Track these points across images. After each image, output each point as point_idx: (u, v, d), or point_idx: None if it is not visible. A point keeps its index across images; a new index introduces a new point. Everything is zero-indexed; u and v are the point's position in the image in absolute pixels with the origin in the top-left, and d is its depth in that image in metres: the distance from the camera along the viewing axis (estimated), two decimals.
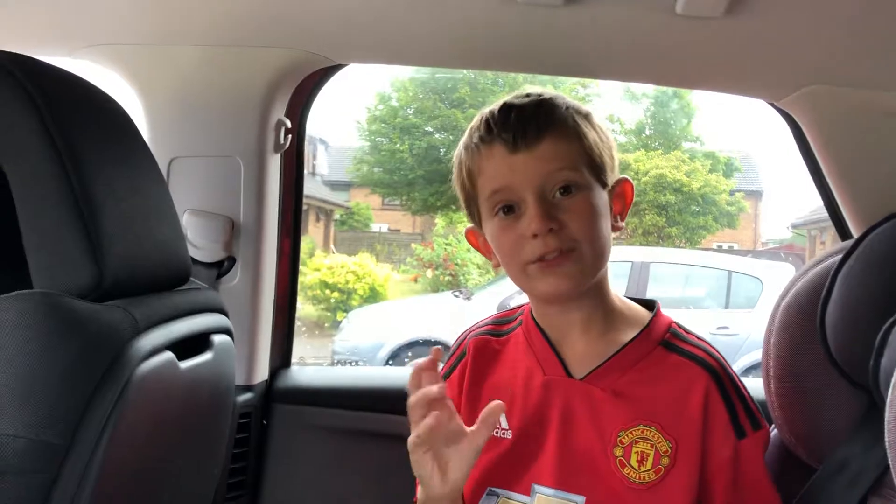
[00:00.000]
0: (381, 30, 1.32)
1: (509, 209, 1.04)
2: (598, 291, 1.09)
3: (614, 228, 1.08)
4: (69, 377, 0.79)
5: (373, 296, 10.50)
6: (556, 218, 1.01)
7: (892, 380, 0.77)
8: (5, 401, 0.76)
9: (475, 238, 1.15)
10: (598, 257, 1.04)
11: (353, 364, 6.79)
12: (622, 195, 1.11)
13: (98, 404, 0.80)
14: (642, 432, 1.03)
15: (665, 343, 1.08)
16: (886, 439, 0.77)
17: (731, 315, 6.72)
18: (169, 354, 0.93)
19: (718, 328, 6.43)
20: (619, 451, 1.03)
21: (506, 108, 1.05)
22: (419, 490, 1.04)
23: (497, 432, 1.09)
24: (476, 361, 1.15)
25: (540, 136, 1.02)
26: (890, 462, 0.78)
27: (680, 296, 7.16)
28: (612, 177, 1.09)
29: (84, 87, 0.97)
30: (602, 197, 1.06)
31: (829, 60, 1.21)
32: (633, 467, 1.03)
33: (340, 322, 8.48)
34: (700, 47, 1.22)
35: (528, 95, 1.07)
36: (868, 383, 1.02)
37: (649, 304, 1.14)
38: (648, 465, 1.02)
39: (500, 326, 1.19)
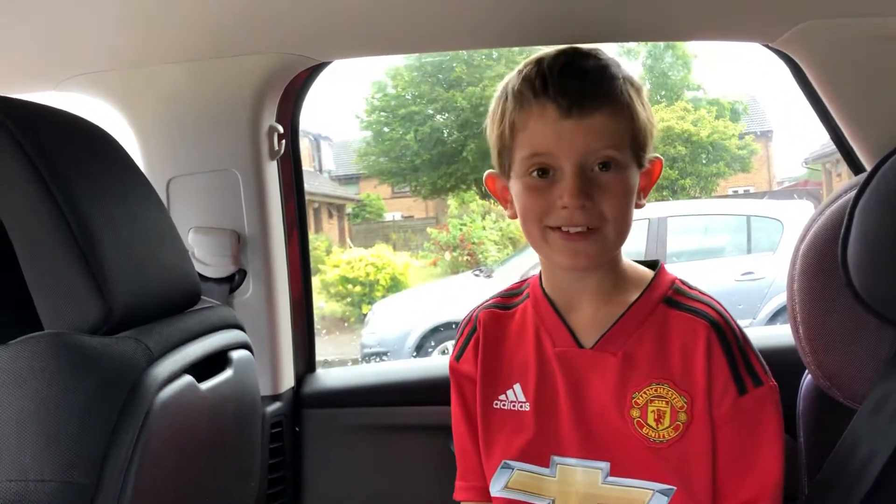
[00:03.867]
0: (362, 23, 1.30)
1: (544, 172, 1.02)
2: (612, 261, 1.09)
3: (638, 206, 1.07)
4: (88, 415, 0.78)
5: (395, 285, 10.52)
6: (591, 194, 0.99)
7: None
8: (29, 446, 0.76)
9: (494, 183, 1.13)
10: (619, 237, 1.04)
11: (382, 357, 6.83)
12: (650, 173, 1.09)
13: (121, 438, 0.80)
14: (656, 390, 1.03)
15: (668, 300, 1.08)
16: None
17: (754, 260, 6.66)
18: (188, 378, 0.93)
19: (743, 274, 6.39)
20: (635, 413, 1.04)
21: (566, 67, 1.02)
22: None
23: (515, 405, 1.10)
24: (488, 335, 1.15)
25: (595, 109, 1.00)
26: None
27: (701, 247, 7.10)
28: (648, 157, 1.08)
29: (69, 120, 0.96)
30: (636, 177, 1.05)
31: None
32: (651, 426, 1.03)
33: (366, 315, 8.50)
34: None
35: (582, 55, 1.04)
36: None
37: (653, 265, 1.14)
38: (666, 423, 1.02)
39: (507, 300, 1.19)
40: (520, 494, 1.09)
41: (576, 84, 1.00)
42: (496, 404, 1.12)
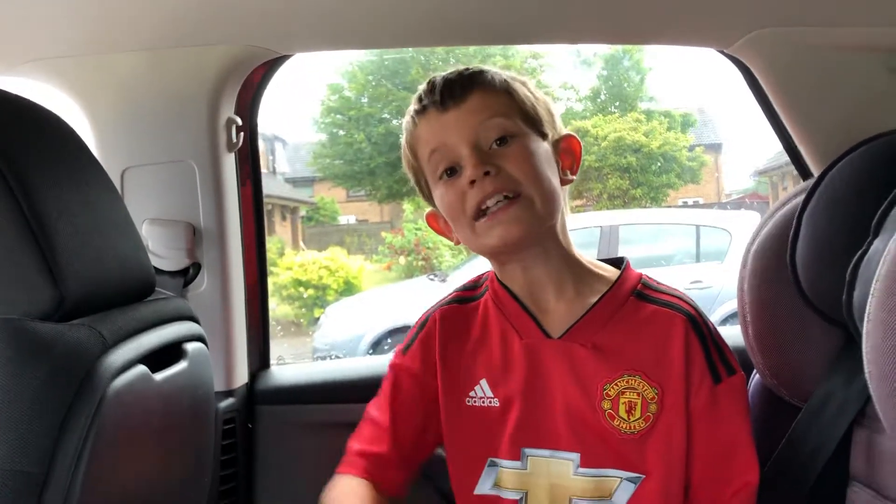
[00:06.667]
0: (324, 16, 1.29)
1: (451, 171, 1.05)
2: (559, 245, 1.09)
3: (564, 182, 1.09)
4: (39, 403, 0.77)
5: (348, 289, 10.44)
6: (493, 164, 1.01)
7: (866, 311, 0.78)
8: None
9: (436, 221, 1.15)
10: (547, 201, 1.03)
11: (333, 358, 6.77)
12: (569, 150, 1.11)
13: (72, 427, 0.78)
14: (627, 382, 1.04)
15: (637, 293, 1.10)
16: (866, 371, 0.78)
17: (702, 268, 6.78)
18: (142, 368, 0.91)
19: (692, 283, 6.49)
20: (606, 405, 1.04)
21: (433, 79, 1.08)
22: None
23: (484, 401, 1.10)
24: (447, 332, 1.14)
25: (467, 92, 1.05)
26: (872, 392, 0.78)
27: (651, 255, 7.21)
28: (554, 132, 1.10)
29: (24, 105, 0.94)
30: (542, 146, 1.06)
31: (775, 2, 1.20)
32: (622, 418, 1.04)
33: (318, 319, 8.42)
34: (646, 1, 1.22)
35: (454, 72, 1.09)
36: (842, 319, 1.03)
37: (618, 263, 1.15)
38: (637, 414, 1.03)
39: (467, 293, 1.18)
40: (494, 490, 1.09)
41: (446, 84, 1.06)
42: (468, 401, 1.10)
